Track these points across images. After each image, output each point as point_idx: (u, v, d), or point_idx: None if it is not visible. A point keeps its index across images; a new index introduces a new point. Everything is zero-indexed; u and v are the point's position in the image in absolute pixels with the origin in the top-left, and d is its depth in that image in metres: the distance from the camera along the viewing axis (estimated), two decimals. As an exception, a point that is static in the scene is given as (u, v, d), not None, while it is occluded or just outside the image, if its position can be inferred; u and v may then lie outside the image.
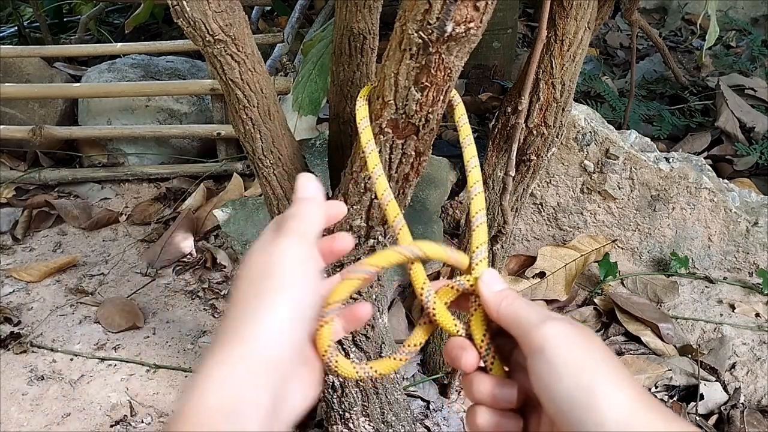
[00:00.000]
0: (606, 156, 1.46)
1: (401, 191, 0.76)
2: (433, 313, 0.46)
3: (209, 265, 1.64)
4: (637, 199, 1.50)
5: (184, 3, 0.67)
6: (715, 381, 1.28)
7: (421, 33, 0.54)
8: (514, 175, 0.97)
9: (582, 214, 1.55)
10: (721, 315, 1.41)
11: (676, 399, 1.27)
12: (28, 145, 1.99)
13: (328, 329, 0.45)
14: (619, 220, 1.54)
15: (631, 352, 1.34)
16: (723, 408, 1.23)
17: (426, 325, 0.48)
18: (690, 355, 1.32)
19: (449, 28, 0.53)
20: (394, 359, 0.48)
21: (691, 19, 3.05)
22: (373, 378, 0.47)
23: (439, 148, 1.92)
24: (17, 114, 2.05)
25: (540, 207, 1.58)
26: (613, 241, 1.55)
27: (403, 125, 0.65)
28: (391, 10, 0.95)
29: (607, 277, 1.47)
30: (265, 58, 1.71)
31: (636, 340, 1.37)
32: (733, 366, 1.30)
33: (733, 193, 1.50)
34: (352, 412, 1.02)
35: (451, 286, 0.47)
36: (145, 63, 2.12)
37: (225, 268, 1.63)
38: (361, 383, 0.99)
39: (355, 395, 1.01)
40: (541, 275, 1.49)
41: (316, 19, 2.45)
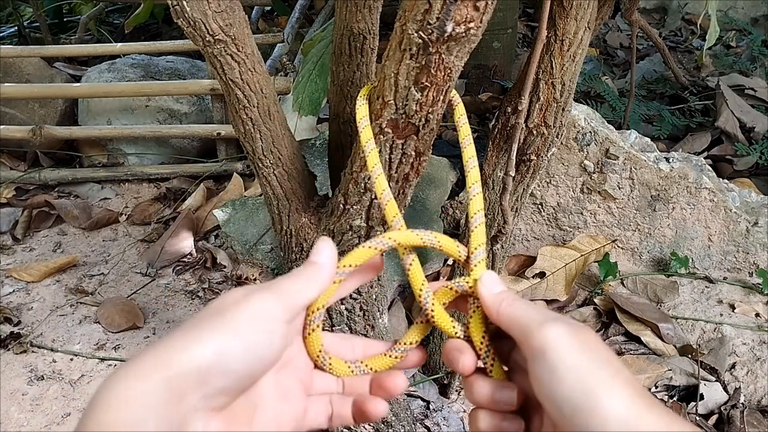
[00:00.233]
0: (606, 156, 1.46)
1: (401, 191, 0.76)
2: (432, 315, 0.46)
3: (209, 265, 1.64)
4: (637, 199, 1.50)
5: (184, 3, 0.67)
6: (715, 381, 1.28)
7: (421, 33, 0.54)
8: (514, 175, 0.97)
9: (582, 214, 1.55)
10: (721, 315, 1.41)
11: (676, 399, 1.27)
12: (28, 145, 1.99)
13: (318, 333, 0.46)
14: (619, 220, 1.54)
15: (631, 352, 1.34)
16: (723, 408, 1.23)
17: (422, 324, 0.48)
18: (690, 355, 1.32)
19: (449, 28, 0.53)
20: (389, 356, 0.48)
21: (691, 19, 3.05)
22: (368, 375, 0.48)
23: (439, 148, 1.92)
24: (17, 114, 2.05)
25: (540, 207, 1.58)
26: (613, 241, 1.55)
27: (403, 125, 0.65)
28: (391, 10, 0.95)
29: (607, 277, 1.47)
30: (265, 58, 1.72)
31: (636, 340, 1.37)
32: (733, 366, 1.30)
33: (733, 193, 1.50)
34: (352, 412, 1.02)
35: (449, 288, 0.47)
36: (145, 63, 2.12)
37: (225, 268, 1.63)
38: None
39: (355, 395, 1.01)
40: (541, 275, 1.49)
41: (316, 19, 2.45)
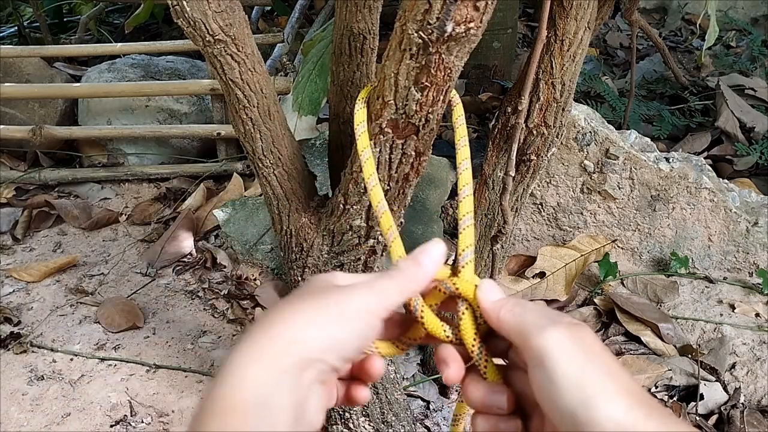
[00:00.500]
0: (606, 156, 1.46)
1: (401, 191, 0.76)
2: (422, 320, 0.46)
3: (209, 265, 1.64)
4: (637, 199, 1.50)
5: (184, 3, 0.67)
6: (715, 381, 1.28)
7: (421, 33, 0.54)
8: (514, 175, 0.97)
9: (582, 214, 1.55)
10: (721, 315, 1.41)
11: (676, 399, 1.27)
12: (28, 145, 1.99)
13: None
14: (619, 220, 1.54)
15: (631, 352, 1.34)
16: (723, 408, 1.23)
17: (419, 323, 0.48)
18: (690, 355, 1.32)
19: (449, 28, 0.53)
20: (396, 345, 0.48)
21: (691, 19, 3.05)
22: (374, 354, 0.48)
23: (439, 148, 1.92)
24: (17, 114, 2.05)
25: (540, 207, 1.58)
26: (613, 241, 1.55)
27: (403, 125, 0.65)
28: (391, 10, 0.95)
29: (607, 277, 1.47)
30: (265, 58, 1.71)
31: (636, 340, 1.37)
32: (733, 366, 1.30)
33: (733, 193, 1.50)
34: (352, 412, 1.02)
35: (438, 289, 0.47)
36: (145, 63, 2.12)
37: (225, 268, 1.63)
38: None
39: (355, 395, 1.01)
40: (541, 275, 1.49)
41: (316, 19, 2.45)
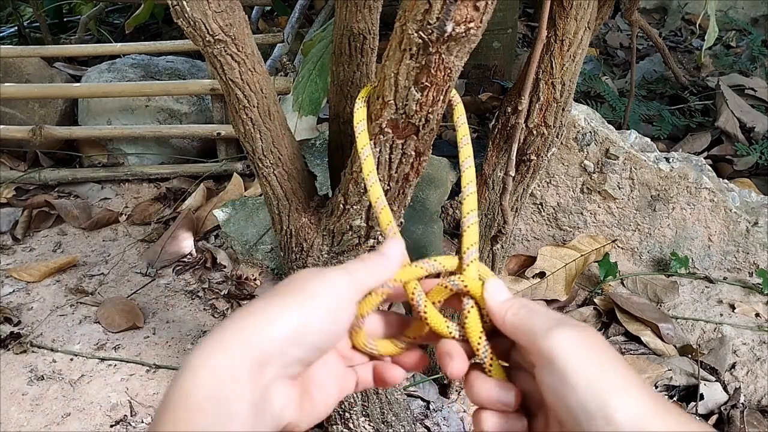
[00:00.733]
0: (606, 156, 1.46)
1: (401, 191, 0.76)
2: (425, 316, 0.46)
3: (209, 265, 1.64)
4: (637, 199, 1.50)
5: (184, 3, 0.67)
6: (715, 381, 1.28)
7: (421, 33, 0.54)
8: (514, 175, 0.97)
9: (582, 214, 1.55)
10: (721, 315, 1.41)
11: (676, 399, 1.27)
12: (28, 145, 1.99)
13: (363, 332, 0.47)
14: (619, 220, 1.54)
15: (631, 352, 1.34)
16: (723, 408, 1.23)
17: (420, 321, 0.48)
18: (690, 355, 1.32)
19: (449, 28, 0.53)
20: (395, 345, 0.48)
21: (691, 19, 3.05)
22: (373, 354, 0.48)
23: (439, 148, 1.92)
24: (17, 114, 2.05)
25: (540, 207, 1.58)
26: (613, 241, 1.55)
27: (403, 125, 0.65)
28: (391, 10, 0.95)
29: (607, 277, 1.47)
30: (265, 58, 1.72)
31: (636, 340, 1.37)
32: (733, 366, 1.30)
33: (733, 193, 1.50)
34: (352, 412, 1.02)
35: (444, 286, 0.46)
36: (145, 63, 2.12)
37: (225, 268, 1.63)
38: None
39: (354, 395, 1.01)
40: (541, 275, 1.49)
41: (316, 19, 2.45)
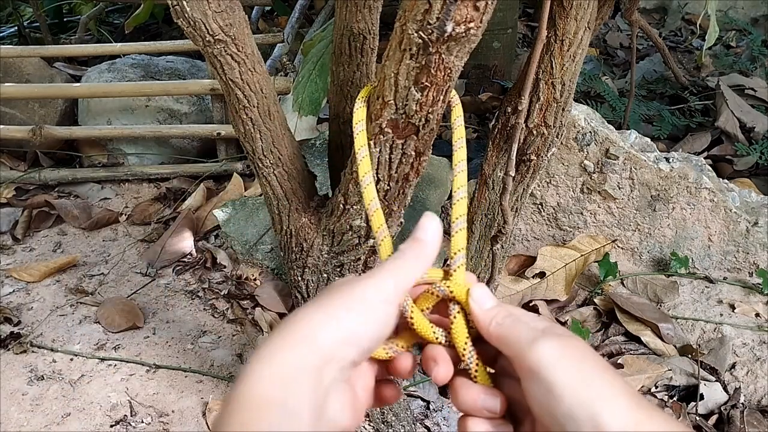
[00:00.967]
0: (606, 156, 1.46)
1: (401, 191, 0.76)
2: (411, 322, 0.45)
3: (209, 265, 1.64)
4: (637, 199, 1.50)
5: (184, 3, 0.67)
6: (715, 381, 1.28)
7: (421, 33, 0.54)
8: (514, 175, 0.97)
9: (582, 214, 1.55)
10: (721, 315, 1.41)
11: (676, 399, 1.27)
12: (28, 145, 1.99)
13: None
14: (619, 220, 1.54)
15: (631, 352, 1.34)
16: (723, 408, 1.23)
17: (409, 330, 0.47)
18: (690, 355, 1.32)
19: (449, 28, 0.53)
20: (385, 351, 0.47)
21: (691, 19, 3.05)
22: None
23: (439, 148, 1.91)
24: (17, 114, 2.05)
25: (540, 207, 1.58)
26: (613, 241, 1.55)
27: (403, 125, 0.65)
28: (391, 10, 0.95)
29: (607, 277, 1.47)
30: (265, 58, 1.71)
31: (636, 340, 1.37)
32: (733, 366, 1.30)
33: (733, 193, 1.50)
34: (352, 412, 1.02)
35: (430, 292, 0.46)
36: (145, 63, 2.12)
37: (225, 268, 1.63)
38: None
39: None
40: (541, 275, 1.49)
41: (316, 19, 2.45)
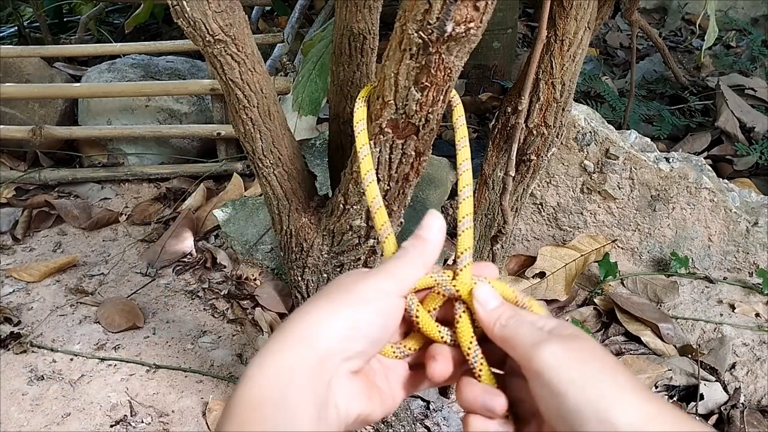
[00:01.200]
0: (606, 156, 1.46)
1: (401, 191, 0.76)
2: (416, 321, 0.46)
3: (209, 265, 1.64)
4: (637, 199, 1.50)
5: (184, 3, 0.67)
6: (715, 381, 1.28)
7: (421, 33, 0.54)
8: (514, 175, 0.97)
9: (582, 214, 1.55)
10: (721, 315, 1.41)
11: (676, 399, 1.27)
12: (28, 145, 1.99)
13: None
14: (619, 220, 1.54)
15: (631, 352, 1.34)
16: (723, 408, 1.23)
17: (419, 333, 0.47)
18: (690, 355, 1.32)
19: (449, 28, 0.53)
20: (393, 351, 0.47)
21: (691, 19, 3.05)
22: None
23: (439, 148, 1.92)
24: (17, 114, 2.05)
25: (540, 207, 1.58)
26: (613, 241, 1.55)
27: (403, 125, 0.65)
28: (391, 10, 0.95)
29: (607, 277, 1.47)
30: (265, 58, 1.71)
31: (636, 340, 1.37)
32: (733, 366, 1.30)
33: (733, 193, 1.50)
34: (352, 412, 1.02)
35: (437, 292, 0.46)
36: (145, 63, 2.12)
37: (225, 268, 1.63)
38: None
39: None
40: (541, 275, 1.49)
41: (316, 19, 2.45)
